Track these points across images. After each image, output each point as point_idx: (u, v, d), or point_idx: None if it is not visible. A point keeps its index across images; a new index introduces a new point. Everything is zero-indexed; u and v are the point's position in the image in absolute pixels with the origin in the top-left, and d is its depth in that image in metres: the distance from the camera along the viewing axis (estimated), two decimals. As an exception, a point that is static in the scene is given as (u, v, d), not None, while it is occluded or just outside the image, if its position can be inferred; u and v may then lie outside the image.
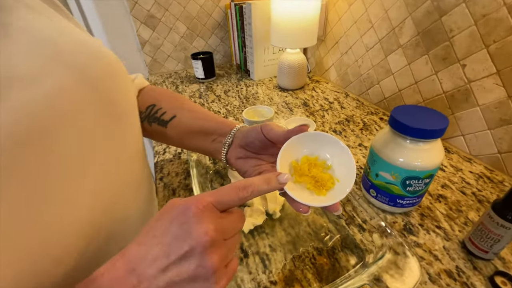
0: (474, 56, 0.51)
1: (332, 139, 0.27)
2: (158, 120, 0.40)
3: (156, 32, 1.03)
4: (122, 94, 0.30)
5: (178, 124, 0.39)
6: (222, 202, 0.22)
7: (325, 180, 0.27)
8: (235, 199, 0.22)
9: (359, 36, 0.76)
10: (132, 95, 0.34)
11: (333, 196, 0.26)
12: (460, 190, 0.47)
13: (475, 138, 0.54)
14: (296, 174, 0.28)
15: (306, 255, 0.37)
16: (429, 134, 0.35)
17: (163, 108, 0.40)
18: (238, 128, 0.36)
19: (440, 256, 0.37)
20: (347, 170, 0.27)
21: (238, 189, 0.23)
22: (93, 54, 0.26)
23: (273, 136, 0.29)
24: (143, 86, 0.43)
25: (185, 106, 0.40)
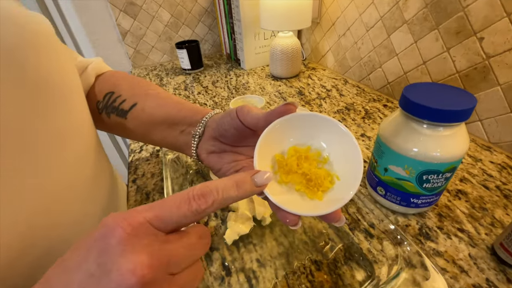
0: (493, 27, 0.43)
1: (329, 121, 0.20)
2: (117, 110, 0.33)
3: (137, 21, 0.95)
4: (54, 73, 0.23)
5: (140, 113, 0.32)
6: (165, 219, 0.15)
7: (321, 178, 0.20)
8: (186, 214, 0.15)
9: (358, 14, 0.68)
10: (72, 75, 0.27)
11: (332, 200, 0.19)
12: (482, 184, 0.40)
13: (495, 123, 0.47)
14: (281, 171, 0.21)
15: (302, 271, 0.30)
16: (452, 116, 0.27)
17: (122, 95, 0.33)
18: (211, 115, 0.28)
19: (466, 267, 0.30)
20: (350, 163, 0.20)
21: (190, 199, 0.15)
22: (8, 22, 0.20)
23: (250, 120, 0.22)
24: (102, 71, 0.36)
25: (150, 93, 0.33)
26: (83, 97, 0.29)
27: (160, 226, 0.15)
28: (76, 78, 0.28)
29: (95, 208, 0.29)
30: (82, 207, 0.26)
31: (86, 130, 0.28)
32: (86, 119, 0.28)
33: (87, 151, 0.27)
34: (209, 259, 0.32)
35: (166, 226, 0.15)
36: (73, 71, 0.27)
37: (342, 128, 0.20)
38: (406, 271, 0.26)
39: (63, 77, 0.25)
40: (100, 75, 0.36)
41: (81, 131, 0.26)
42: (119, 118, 0.32)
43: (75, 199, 0.25)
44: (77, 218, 0.26)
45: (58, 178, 0.23)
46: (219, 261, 0.32)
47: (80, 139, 0.26)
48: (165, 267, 0.14)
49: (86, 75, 0.34)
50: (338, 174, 0.21)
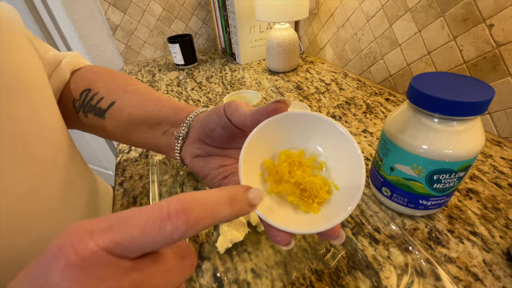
0: (504, 12, 0.40)
1: (326, 122, 0.17)
2: (94, 108, 0.29)
3: (128, 15, 0.91)
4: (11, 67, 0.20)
5: (119, 112, 0.28)
6: (126, 245, 0.11)
7: (317, 188, 0.17)
8: (155, 239, 0.12)
9: (358, 4, 0.65)
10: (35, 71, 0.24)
11: (329, 214, 0.16)
12: (493, 181, 0.38)
13: (506, 116, 0.44)
14: (271, 179, 0.18)
15: (301, 282, 0.28)
16: (468, 108, 0.24)
17: (99, 92, 0.30)
18: (196, 114, 0.25)
19: (481, 274, 0.28)
20: (350, 170, 0.17)
21: (164, 217, 0.12)
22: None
23: (238, 118, 0.19)
24: (78, 66, 0.33)
25: (128, 89, 0.30)
26: (51, 95, 0.26)
27: (121, 253, 0.11)
28: (40, 73, 0.25)
29: (70, 217, 0.26)
30: (52, 216, 0.23)
31: (53, 132, 0.24)
32: (53, 120, 0.25)
33: (55, 155, 0.24)
34: (199, 270, 0.29)
35: (130, 253, 0.12)
36: (35, 67, 0.24)
37: (341, 130, 0.17)
38: (417, 282, 0.24)
39: (21, 73, 0.21)
40: (76, 71, 0.32)
41: (45, 133, 0.23)
42: (97, 118, 0.29)
43: (41, 209, 0.22)
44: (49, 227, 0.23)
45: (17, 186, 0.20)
46: (210, 272, 0.29)
47: (44, 142, 0.23)
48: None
49: (59, 70, 0.30)
50: (337, 183, 0.18)
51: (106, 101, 0.29)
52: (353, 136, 0.19)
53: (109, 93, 0.29)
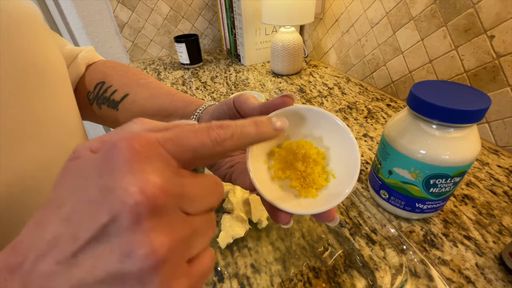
0: (504, 24, 0.41)
1: (327, 116, 0.19)
2: (108, 100, 0.31)
3: (135, 13, 0.92)
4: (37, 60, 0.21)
5: (132, 104, 0.30)
6: (182, 143, 0.12)
7: (316, 176, 0.18)
8: (204, 141, 0.13)
9: (362, 10, 0.66)
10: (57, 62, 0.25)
11: (326, 199, 0.18)
12: (489, 189, 0.39)
13: (504, 125, 0.45)
14: (276, 167, 0.19)
15: (299, 278, 0.29)
16: (464, 116, 0.25)
17: (113, 85, 0.31)
18: (205, 106, 0.27)
19: (473, 277, 0.29)
20: (347, 160, 0.18)
21: (209, 128, 0.13)
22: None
23: (247, 109, 0.20)
24: (93, 61, 0.34)
25: (141, 82, 0.31)
26: (69, 86, 0.27)
27: (175, 151, 0.12)
28: (61, 65, 0.26)
29: None
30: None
31: (70, 119, 0.26)
32: (71, 109, 0.26)
33: (70, 140, 0.25)
34: (201, 263, 0.30)
35: (182, 153, 0.12)
36: (58, 58, 0.25)
37: (340, 124, 0.18)
38: (411, 282, 0.25)
39: (47, 63, 0.23)
40: (91, 65, 0.34)
41: (64, 120, 0.24)
42: (111, 109, 0.31)
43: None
44: None
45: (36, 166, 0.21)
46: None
47: (62, 128, 0.24)
48: (178, 198, 0.12)
49: (75, 64, 0.32)
50: (334, 172, 0.19)
51: (120, 93, 0.30)
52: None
53: (123, 86, 0.31)
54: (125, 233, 0.10)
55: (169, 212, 0.11)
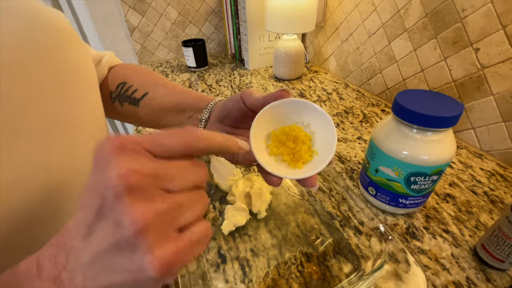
0: (489, 38, 0.45)
1: (316, 108, 0.23)
2: (130, 98, 0.36)
3: (145, 17, 0.97)
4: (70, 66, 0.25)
5: (151, 101, 0.35)
6: (158, 143, 0.15)
7: (302, 152, 0.23)
8: (177, 141, 0.16)
9: (361, 21, 0.70)
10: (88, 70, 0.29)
11: (309, 169, 0.23)
12: (470, 189, 0.42)
13: (487, 132, 0.49)
14: (272, 145, 0.24)
15: (292, 261, 0.32)
16: (440, 122, 0.29)
17: (134, 85, 0.36)
18: (216, 102, 0.31)
19: (448, 265, 0.32)
20: (327, 142, 0.23)
21: (182, 131, 0.16)
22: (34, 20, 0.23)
23: (252, 101, 0.24)
24: (114, 64, 0.39)
25: (158, 82, 0.36)
26: (97, 88, 0.31)
27: (150, 148, 0.15)
28: (91, 70, 0.30)
29: None
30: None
31: (98, 119, 0.30)
32: (99, 109, 0.31)
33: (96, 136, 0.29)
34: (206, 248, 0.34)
35: (156, 149, 0.15)
36: (89, 64, 0.30)
37: (324, 113, 0.23)
38: (390, 264, 0.28)
39: (80, 68, 0.27)
40: (112, 67, 0.38)
41: (93, 119, 0.28)
42: (132, 106, 0.36)
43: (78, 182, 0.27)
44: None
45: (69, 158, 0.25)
46: (215, 250, 0.34)
47: (92, 128, 0.28)
48: (154, 177, 0.14)
49: (100, 67, 0.36)
50: (318, 151, 0.24)
51: (140, 92, 0.35)
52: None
53: (142, 86, 0.36)
54: (113, 209, 0.13)
55: (147, 189, 0.14)
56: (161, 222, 0.14)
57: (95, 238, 0.14)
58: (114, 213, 0.13)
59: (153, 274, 0.13)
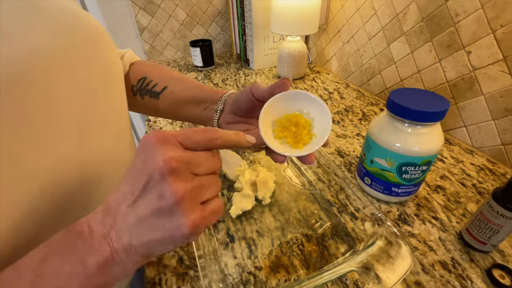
0: (480, 42, 0.48)
1: (315, 99, 0.27)
2: (150, 92, 0.40)
3: (155, 18, 1.01)
4: (105, 64, 0.29)
5: (170, 94, 0.39)
6: (187, 139, 0.20)
7: (303, 135, 0.27)
8: (202, 138, 0.21)
9: (361, 24, 0.73)
10: (118, 67, 0.33)
11: (308, 149, 0.27)
12: (460, 181, 0.45)
13: (478, 129, 0.52)
14: (278, 130, 0.28)
15: (294, 241, 0.36)
16: (428, 116, 0.33)
17: (154, 80, 0.40)
18: (229, 94, 0.36)
19: (435, 247, 0.35)
20: (323, 127, 0.27)
21: (205, 129, 0.21)
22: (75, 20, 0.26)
23: (260, 93, 0.29)
24: (134, 60, 0.43)
25: (176, 77, 0.41)
26: (123, 87, 0.35)
27: (184, 142, 0.20)
28: (121, 66, 0.34)
29: None
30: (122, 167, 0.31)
31: (124, 109, 0.34)
32: (124, 100, 0.34)
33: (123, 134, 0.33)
34: (216, 228, 0.38)
35: (188, 144, 0.20)
36: (119, 61, 0.33)
37: (323, 105, 0.27)
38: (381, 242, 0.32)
39: (116, 66, 0.31)
40: (133, 63, 0.42)
41: (121, 110, 0.32)
42: (152, 99, 0.40)
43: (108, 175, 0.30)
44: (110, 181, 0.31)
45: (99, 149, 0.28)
46: (224, 230, 0.37)
47: (119, 117, 0.32)
48: (187, 164, 0.19)
49: (123, 63, 0.40)
50: (316, 133, 0.28)
51: (160, 86, 0.39)
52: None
53: (162, 80, 0.40)
54: (158, 185, 0.18)
55: (182, 172, 0.19)
56: (191, 196, 0.19)
57: (140, 205, 0.18)
58: (159, 187, 0.18)
59: (186, 232, 0.18)
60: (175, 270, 0.33)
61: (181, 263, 0.34)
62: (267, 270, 0.33)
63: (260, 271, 0.33)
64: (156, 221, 0.18)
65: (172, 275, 0.33)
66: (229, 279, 0.32)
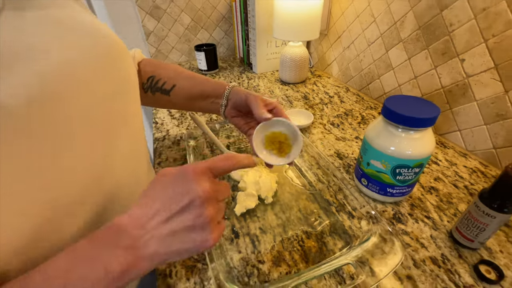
0: (473, 50, 0.51)
1: (288, 122, 0.35)
2: (160, 89, 0.45)
3: (161, 23, 1.04)
4: (124, 73, 0.32)
5: (180, 91, 0.45)
6: (216, 168, 0.26)
7: (284, 147, 0.36)
8: (226, 167, 0.27)
9: (361, 30, 0.76)
10: (133, 74, 0.35)
11: (289, 158, 0.36)
12: (452, 183, 0.48)
13: (471, 133, 0.54)
14: (266, 143, 0.37)
15: (294, 238, 0.38)
16: (420, 122, 0.35)
17: (162, 78, 0.45)
18: (229, 90, 0.42)
19: (427, 244, 0.38)
20: (297, 142, 0.35)
21: (227, 158, 0.27)
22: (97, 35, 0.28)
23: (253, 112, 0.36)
24: (141, 59, 0.47)
25: (182, 75, 0.45)
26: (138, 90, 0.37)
27: (213, 172, 0.26)
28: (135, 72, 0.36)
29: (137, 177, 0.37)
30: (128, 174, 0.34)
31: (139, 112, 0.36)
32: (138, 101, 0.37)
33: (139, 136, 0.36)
34: (221, 225, 0.40)
35: (216, 173, 0.26)
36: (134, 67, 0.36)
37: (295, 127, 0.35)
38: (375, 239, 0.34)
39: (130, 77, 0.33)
40: (140, 62, 0.46)
41: (137, 113, 0.35)
42: (163, 95, 0.45)
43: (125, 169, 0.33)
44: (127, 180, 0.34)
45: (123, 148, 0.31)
46: (229, 227, 0.40)
47: (136, 120, 0.34)
48: (216, 194, 0.25)
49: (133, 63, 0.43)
50: (293, 146, 0.36)
51: (169, 84, 0.44)
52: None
53: (170, 79, 0.44)
54: (197, 207, 0.23)
55: (213, 200, 0.24)
56: (216, 218, 0.25)
57: (175, 221, 0.23)
58: (198, 210, 0.23)
59: (211, 244, 0.24)
60: (184, 263, 0.36)
61: (190, 257, 0.36)
62: (269, 264, 0.35)
63: (263, 265, 0.35)
64: (186, 235, 0.23)
65: (182, 268, 0.35)
66: (234, 272, 0.34)
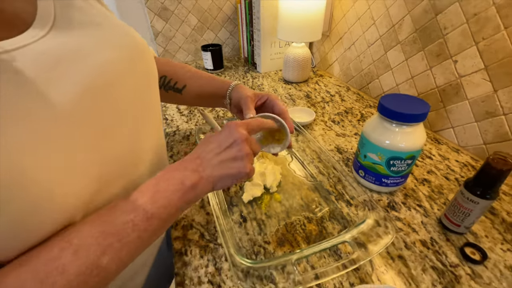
0: (465, 52, 0.54)
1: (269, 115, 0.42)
2: (173, 88, 0.50)
3: (168, 24, 1.08)
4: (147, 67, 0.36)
5: (190, 91, 0.50)
6: (249, 124, 0.35)
7: (280, 137, 0.43)
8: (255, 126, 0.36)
9: (361, 32, 0.79)
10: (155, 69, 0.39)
11: (283, 145, 0.43)
12: (444, 176, 0.51)
13: (464, 130, 0.58)
14: (264, 136, 0.44)
15: (297, 222, 0.42)
16: (412, 118, 0.39)
17: (173, 78, 0.50)
18: (231, 89, 0.48)
19: (417, 229, 0.41)
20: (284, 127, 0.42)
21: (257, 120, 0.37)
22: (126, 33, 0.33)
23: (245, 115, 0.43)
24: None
25: (191, 76, 0.50)
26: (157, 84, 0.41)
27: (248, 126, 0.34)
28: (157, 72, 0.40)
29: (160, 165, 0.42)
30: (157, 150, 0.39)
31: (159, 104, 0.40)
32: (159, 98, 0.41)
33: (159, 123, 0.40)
34: (231, 211, 0.44)
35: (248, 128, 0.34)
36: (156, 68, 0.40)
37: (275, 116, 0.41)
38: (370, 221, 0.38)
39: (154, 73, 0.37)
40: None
41: (158, 106, 0.39)
42: (176, 93, 0.50)
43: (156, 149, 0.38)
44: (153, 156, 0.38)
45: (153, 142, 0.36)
46: (238, 213, 0.44)
47: (157, 111, 0.38)
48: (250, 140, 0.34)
49: None
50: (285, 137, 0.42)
51: (180, 84, 0.49)
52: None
53: (180, 79, 0.49)
54: (239, 145, 0.32)
55: (248, 143, 0.33)
56: (250, 156, 0.33)
57: (224, 154, 0.32)
58: (240, 146, 0.32)
59: (247, 171, 0.32)
60: (197, 243, 0.40)
61: (203, 238, 0.40)
62: (274, 244, 0.39)
63: (268, 245, 0.39)
64: (231, 163, 0.32)
65: (196, 247, 0.39)
66: (243, 250, 0.38)
